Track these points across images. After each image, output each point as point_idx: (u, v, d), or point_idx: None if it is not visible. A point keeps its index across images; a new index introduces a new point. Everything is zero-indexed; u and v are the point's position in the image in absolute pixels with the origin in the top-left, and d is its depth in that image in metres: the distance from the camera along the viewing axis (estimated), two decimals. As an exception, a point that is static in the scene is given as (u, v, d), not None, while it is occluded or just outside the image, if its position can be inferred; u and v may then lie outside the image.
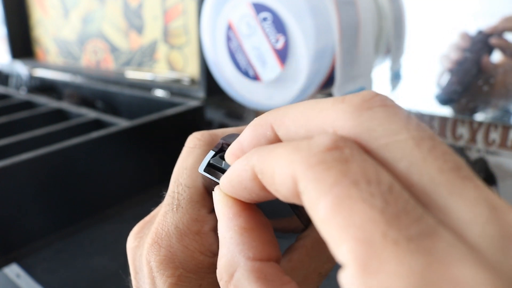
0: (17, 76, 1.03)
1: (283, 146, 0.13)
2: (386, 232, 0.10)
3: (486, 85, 0.49)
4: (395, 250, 0.09)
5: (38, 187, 0.49)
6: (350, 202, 0.10)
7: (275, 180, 0.13)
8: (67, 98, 0.83)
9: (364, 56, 0.44)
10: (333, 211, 0.10)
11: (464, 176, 0.11)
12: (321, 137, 0.12)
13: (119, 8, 0.85)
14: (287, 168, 0.12)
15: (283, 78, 0.44)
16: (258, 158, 0.13)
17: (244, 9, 0.43)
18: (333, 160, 0.11)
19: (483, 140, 0.53)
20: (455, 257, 0.10)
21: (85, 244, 0.52)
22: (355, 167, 0.11)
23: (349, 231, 0.10)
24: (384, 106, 0.12)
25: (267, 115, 0.15)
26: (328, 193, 0.11)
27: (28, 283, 0.45)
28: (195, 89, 0.70)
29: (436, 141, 0.12)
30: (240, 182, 0.14)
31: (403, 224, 0.10)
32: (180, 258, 0.18)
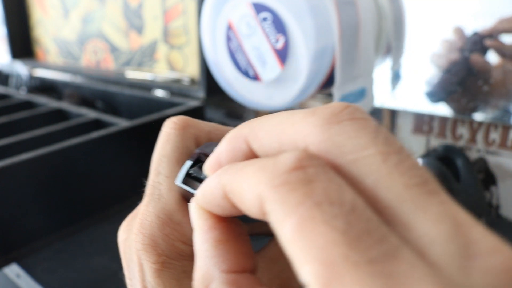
0: (17, 76, 1.03)
1: (250, 165, 0.13)
2: (347, 254, 0.10)
3: (486, 85, 0.49)
4: (356, 272, 0.09)
5: (38, 187, 0.49)
6: (313, 224, 0.10)
7: (244, 200, 0.13)
8: (67, 98, 0.83)
9: (364, 56, 0.44)
10: (297, 232, 0.10)
11: (429, 190, 0.11)
12: (285, 156, 0.12)
13: (119, 8, 0.85)
14: (253, 188, 0.12)
15: (283, 78, 0.44)
16: (228, 177, 0.13)
17: (244, 9, 0.43)
18: (296, 180, 0.11)
19: (483, 140, 0.53)
20: (415, 279, 0.09)
21: (85, 244, 0.52)
22: (318, 188, 0.11)
23: (311, 253, 0.10)
24: (353, 119, 0.12)
25: (242, 128, 0.15)
26: (292, 214, 0.11)
27: (28, 283, 0.45)
28: (195, 89, 0.70)
29: (403, 156, 0.12)
30: (213, 199, 0.14)
31: (365, 245, 0.10)
32: (162, 246, 0.19)
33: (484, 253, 0.10)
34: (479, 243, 0.11)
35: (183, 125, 0.21)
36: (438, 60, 0.52)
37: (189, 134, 0.21)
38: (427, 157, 0.47)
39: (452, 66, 0.50)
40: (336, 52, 0.42)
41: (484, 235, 0.11)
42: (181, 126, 0.21)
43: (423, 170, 0.12)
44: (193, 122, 0.22)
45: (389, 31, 0.49)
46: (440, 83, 0.52)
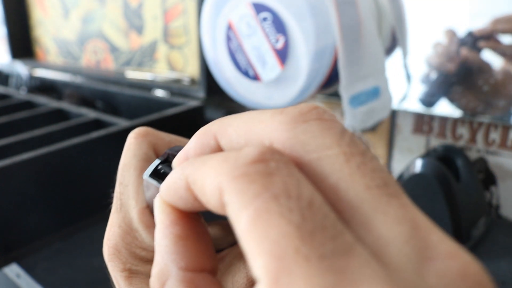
0: (17, 76, 1.03)
1: (214, 157, 0.13)
2: (299, 248, 0.10)
3: (485, 84, 0.49)
4: (306, 267, 0.09)
5: (38, 187, 0.49)
6: (268, 216, 0.10)
7: (205, 191, 0.12)
8: (67, 98, 0.83)
9: (371, 55, 0.44)
10: (252, 224, 0.10)
11: (390, 193, 0.11)
12: (248, 149, 0.12)
13: (119, 8, 0.85)
14: (214, 179, 0.12)
15: (283, 78, 0.44)
16: (191, 168, 0.13)
17: (244, 9, 0.43)
18: (256, 172, 0.11)
19: (483, 140, 0.53)
20: (366, 277, 0.09)
21: (85, 244, 0.52)
22: (277, 181, 0.11)
23: (264, 245, 0.10)
24: (319, 120, 0.13)
25: (212, 124, 0.15)
26: (249, 206, 0.11)
27: (28, 283, 0.45)
28: (195, 89, 0.70)
29: (367, 158, 0.12)
30: (176, 191, 0.14)
31: (318, 240, 0.10)
32: (125, 255, 0.19)
33: (441, 257, 0.10)
34: (436, 247, 0.10)
35: (141, 134, 0.22)
36: (432, 62, 0.52)
37: (147, 142, 0.21)
38: (427, 157, 0.47)
39: (445, 69, 0.50)
40: (338, 52, 0.42)
41: (442, 239, 0.11)
42: (139, 135, 0.22)
43: (385, 173, 0.12)
44: (152, 132, 0.22)
45: (390, 30, 0.49)
46: (434, 86, 0.52)
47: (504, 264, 0.44)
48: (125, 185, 0.21)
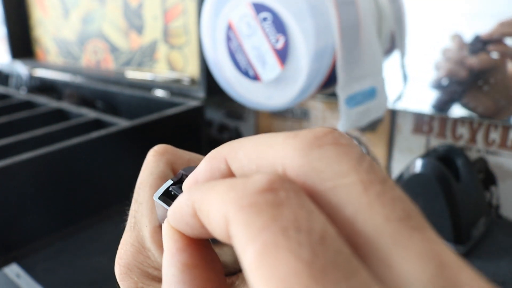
0: (17, 76, 1.03)
1: (221, 183, 0.12)
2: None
3: (486, 85, 0.49)
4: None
5: (38, 187, 0.49)
6: (276, 251, 0.10)
7: (210, 220, 0.12)
8: (67, 98, 0.83)
9: (369, 55, 0.44)
10: (258, 260, 0.10)
11: (412, 226, 0.10)
12: (257, 177, 0.11)
13: (119, 8, 0.85)
14: (220, 208, 0.11)
15: (283, 78, 0.44)
16: (199, 194, 0.13)
17: (244, 9, 0.43)
18: (265, 203, 0.10)
19: (483, 140, 0.53)
20: None
21: (85, 244, 0.52)
22: (287, 212, 0.10)
23: (271, 283, 0.09)
24: (335, 144, 0.12)
25: (222, 148, 0.14)
26: (256, 239, 0.10)
27: (28, 283, 0.45)
28: (195, 89, 0.70)
29: (387, 186, 0.11)
30: (182, 217, 0.13)
31: (331, 279, 0.09)
32: (136, 273, 0.19)
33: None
34: None
35: (160, 152, 0.21)
36: (443, 68, 0.51)
37: (165, 160, 0.21)
38: (427, 157, 0.47)
39: (457, 75, 0.50)
40: (337, 52, 0.42)
41: (472, 278, 0.10)
42: (157, 152, 0.21)
43: (407, 203, 0.11)
44: (171, 150, 0.21)
45: (389, 31, 0.49)
46: (447, 92, 0.52)
47: (504, 264, 0.44)
48: (139, 203, 0.20)
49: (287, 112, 0.71)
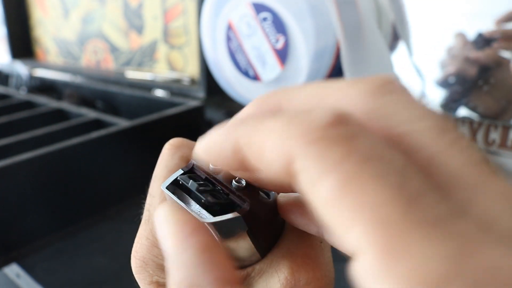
0: (17, 76, 1.03)
1: (277, 118, 0.11)
2: (407, 212, 0.09)
3: (486, 85, 0.49)
4: (421, 231, 0.08)
5: (38, 187, 0.49)
6: (362, 179, 0.09)
7: (264, 157, 0.11)
8: (67, 98, 0.83)
9: (375, 54, 0.44)
10: (340, 190, 0.09)
11: (489, 171, 0.10)
12: (322, 111, 0.11)
13: (119, 8, 0.85)
14: (281, 144, 0.11)
15: (283, 78, 0.44)
16: (246, 129, 0.12)
17: (244, 9, 0.43)
18: (338, 136, 0.10)
19: (483, 140, 0.53)
20: (489, 242, 0.08)
21: (85, 244, 0.52)
22: (364, 144, 0.10)
23: (362, 212, 0.09)
24: (404, 91, 0.12)
25: (274, 93, 0.13)
26: (334, 170, 0.09)
27: (28, 283, 0.45)
28: (195, 89, 0.70)
29: (460, 135, 0.11)
30: (219, 153, 0.13)
31: (426, 203, 0.09)
32: (152, 267, 0.19)
33: None
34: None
35: (175, 145, 0.21)
36: (449, 67, 0.51)
37: (180, 154, 0.20)
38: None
39: (465, 73, 0.50)
40: (341, 53, 0.42)
41: None
42: (173, 146, 0.21)
43: (480, 152, 0.11)
44: (187, 143, 0.21)
45: (389, 28, 0.49)
46: (455, 92, 0.51)
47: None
48: (152, 196, 0.20)
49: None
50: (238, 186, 0.15)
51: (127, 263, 0.21)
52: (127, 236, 0.23)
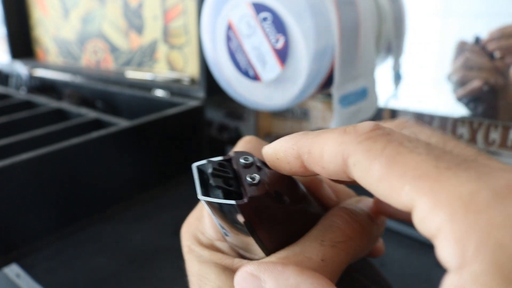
0: (17, 76, 1.03)
1: (330, 131, 0.15)
2: (437, 165, 0.12)
3: (486, 85, 0.49)
4: (449, 171, 0.12)
5: (38, 187, 0.49)
6: (401, 156, 0.13)
7: (323, 159, 0.15)
8: (67, 98, 0.83)
9: (365, 56, 0.44)
10: (387, 166, 0.12)
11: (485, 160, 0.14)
12: (364, 123, 0.14)
13: (119, 8, 0.85)
14: (337, 147, 0.14)
15: (283, 78, 0.44)
16: (306, 140, 0.16)
17: (244, 9, 0.43)
18: (377, 135, 0.14)
19: (483, 140, 0.53)
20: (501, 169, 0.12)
21: (85, 244, 0.52)
22: (396, 135, 0.13)
23: (406, 175, 0.12)
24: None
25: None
26: (379, 156, 0.13)
27: (28, 283, 0.45)
28: (195, 89, 0.70)
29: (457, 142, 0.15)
30: (285, 157, 0.17)
31: (446, 158, 0.12)
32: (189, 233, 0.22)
33: None
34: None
35: (245, 140, 0.24)
36: (460, 78, 0.51)
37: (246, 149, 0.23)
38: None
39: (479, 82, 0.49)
40: (335, 53, 0.42)
41: None
42: (244, 140, 0.24)
43: None
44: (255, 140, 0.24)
45: (389, 31, 0.49)
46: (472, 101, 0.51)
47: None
48: None
49: (287, 112, 0.71)
50: (251, 182, 0.17)
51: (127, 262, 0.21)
52: (127, 236, 0.23)
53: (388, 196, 0.13)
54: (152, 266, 0.47)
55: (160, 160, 0.62)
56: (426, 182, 0.12)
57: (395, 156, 0.13)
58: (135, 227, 0.54)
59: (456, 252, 0.10)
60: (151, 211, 0.58)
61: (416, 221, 0.12)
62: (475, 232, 0.10)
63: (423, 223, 0.12)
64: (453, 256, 0.10)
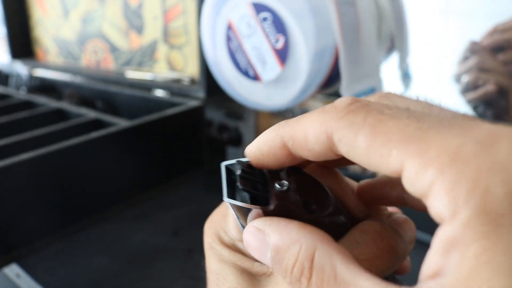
0: (17, 76, 1.03)
1: (309, 114, 0.15)
2: (419, 126, 0.12)
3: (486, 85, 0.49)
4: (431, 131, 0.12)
5: (38, 187, 0.49)
6: (382, 123, 0.13)
7: (308, 142, 0.15)
8: (67, 98, 0.83)
9: (368, 55, 0.44)
10: (372, 135, 0.13)
11: None
12: (342, 98, 0.15)
13: (119, 8, 0.85)
14: (319, 127, 0.14)
15: (283, 78, 0.44)
16: (287, 127, 0.16)
17: (244, 9, 0.43)
18: (356, 107, 0.14)
19: (483, 140, 0.53)
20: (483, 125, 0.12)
21: (85, 244, 0.52)
22: (375, 105, 0.14)
23: (391, 139, 0.12)
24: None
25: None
26: (362, 127, 0.13)
27: (28, 283, 0.45)
28: (195, 89, 0.70)
29: None
30: (269, 149, 0.17)
31: (430, 118, 0.13)
32: (212, 230, 0.22)
33: None
34: None
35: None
36: (470, 79, 0.50)
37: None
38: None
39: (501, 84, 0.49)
40: (339, 53, 0.42)
41: None
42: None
43: None
44: None
45: (389, 31, 0.49)
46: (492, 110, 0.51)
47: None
48: None
49: (287, 112, 0.71)
50: (279, 189, 0.17)
51: (127, 262, 0.21)
52: (127, 236, 0.23)
53: (377, 164, 0.13)
54: (152, 266, 0.47)
55: (160, 160, 0.62)
56: (412, 144, 0.12)
57: (377, 125, 0.13)
58: (135, 227, 0.54)
59: (447, 203, 0.11)
60: (151, 211, 0.58)
61: (406, 183, 0.12)
62: (464, 181, 0.11)
63: (414, 184, 0.12)
64: (445, 207, 0.11)
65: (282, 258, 0.15)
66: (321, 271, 0.14)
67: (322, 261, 0.14)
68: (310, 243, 0.15)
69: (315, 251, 0.14)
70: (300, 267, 0.14)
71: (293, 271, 0.15)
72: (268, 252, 0.16)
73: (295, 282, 0.15)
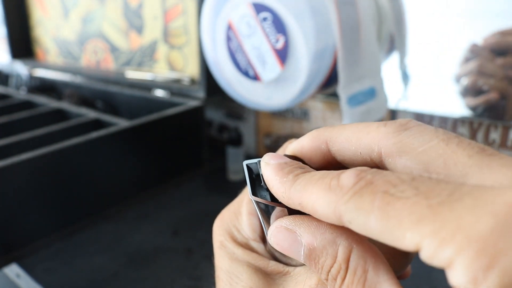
0: (17, 76, 1.03)
1: (315, 184, 0.15)
2: (429, 204, 0.12)
3: (485, 85, 0.49)
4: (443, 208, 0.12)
5: (38, 187, 0.49)
6: (391, 206, 0.13)
7: (317, 213, 0.15)
8: (67, 98, 0.83)
9: (368, 56, 0.44)
10: (382, 220, 0.13)
11: (490, 153, 0.14)
12: (346, 174, 0.14)
13: (119, 8, 0.85)
14: (327, 207, 0.14)
15: (283, 78, 0.44)
16: (295, 191, 0.16)
17: (244, 9, 0.43)
18: (361, 188, 0.14)
19: (483, 140, 0.53)
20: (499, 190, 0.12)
21: (85, 244, 0.52)
22: (379, 182, 0.14)
23: (403, 222, 0.12)
24: (417, 125, 0.16)
25: (324, 130, 0.18)
26: (371, 211, 0.13)
27: (28, 283, 0.45)
28: (195, 89, 0.70)
29: (462, 138, 0.15)
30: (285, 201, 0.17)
31: (438, 190, 0.12)
32: (223, 228, 0.22)
33: None
34: None
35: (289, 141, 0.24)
36: (471, 82, 0.50)
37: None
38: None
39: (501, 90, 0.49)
40: (338, 53, 0.42)
41: None
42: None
43: (481, 144, 0.15)
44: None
45: (389, 31, 0.49)
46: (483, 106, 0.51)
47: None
48: None
49: (287, 112, 0.71)
50: None
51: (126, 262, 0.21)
52: (127, 236, 0.23)
53: (391, 244, 0.13)
54: (152, 266, 0.47)
55: (160, 160, 0.62)
56: (424, 225, 0.12)
57: (385, 208, 0.13)
58: (135, 227, 0.54)
59: (467, 280, 0.11)
60: (151, 211, 0.58)
61: (425, 259, 0.12)
62: (481, 260, 0.11)
63: (432, 261, 0.12)
64: (466, 282, 0.11)
65: (318, 258, 0.16)
66: (354, 273, 0.15)
67: (356, 263, 0.15)
68: (346, 244, 0.15)
69: (351, 252, 0.15)
70: (338, 267, 0.15)
71: (330, 270, 0.15)
72: (301, 250, 0.16)
73: (331, 280, 0.16)
